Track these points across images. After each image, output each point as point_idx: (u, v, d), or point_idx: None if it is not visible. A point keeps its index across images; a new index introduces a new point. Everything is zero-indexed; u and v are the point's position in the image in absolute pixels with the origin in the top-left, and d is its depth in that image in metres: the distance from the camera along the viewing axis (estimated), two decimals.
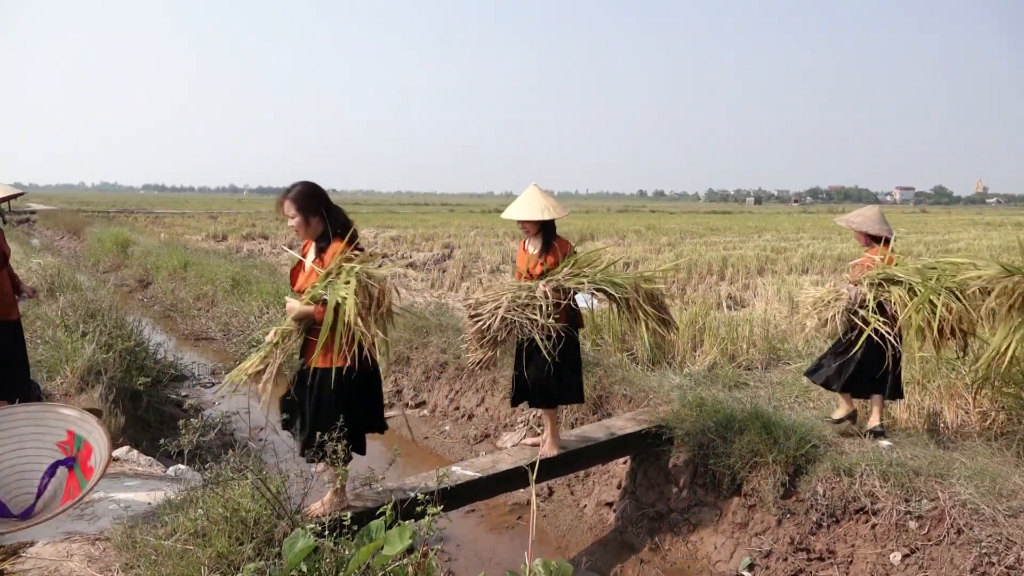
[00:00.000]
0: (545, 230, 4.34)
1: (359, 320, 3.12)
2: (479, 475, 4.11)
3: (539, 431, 5.94)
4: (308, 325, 3.34)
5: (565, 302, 4.15)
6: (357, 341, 3.19)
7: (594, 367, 5.99)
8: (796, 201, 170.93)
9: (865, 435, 4.51)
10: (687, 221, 38.12)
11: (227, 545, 2.79)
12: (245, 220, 32.73)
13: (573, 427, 5.52)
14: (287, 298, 3.49)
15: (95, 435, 1.54)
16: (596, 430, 4.92)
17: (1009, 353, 3.93)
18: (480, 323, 4.07)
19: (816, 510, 4.03)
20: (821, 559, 3.94)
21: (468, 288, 12.68)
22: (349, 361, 3.21)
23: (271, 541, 2.89)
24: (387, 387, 7.54)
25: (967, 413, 4.88)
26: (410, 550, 2.47)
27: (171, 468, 4.50)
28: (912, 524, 3.69)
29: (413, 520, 2.65)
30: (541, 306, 4.01)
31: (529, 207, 4.27)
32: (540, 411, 4.73)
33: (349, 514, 2.90)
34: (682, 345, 6.93)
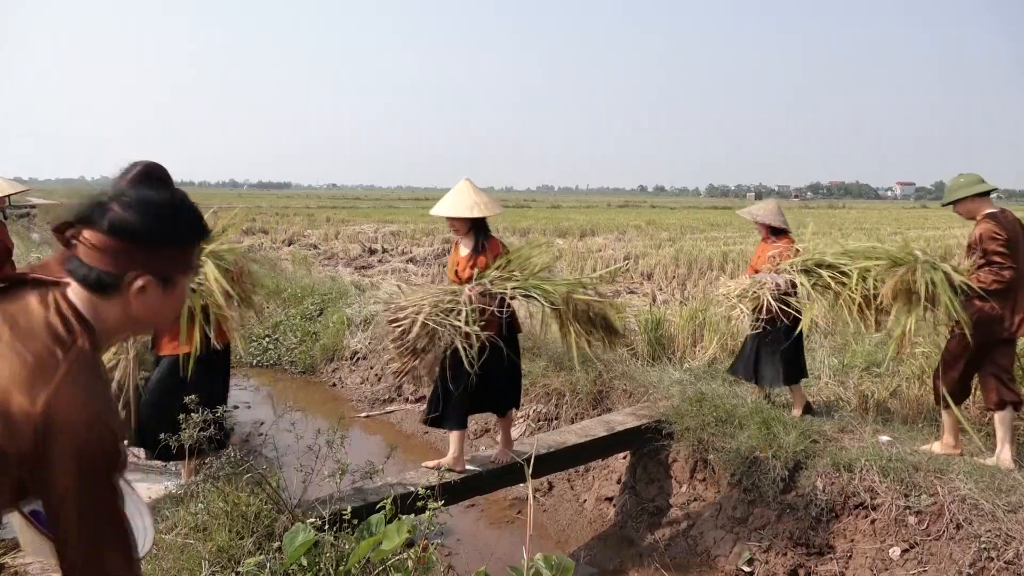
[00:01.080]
0: (477, 229, 4.00)
1: (224, 302, 3.13)
2: (479, 470, 4.12)
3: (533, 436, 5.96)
4: None
5: (491, 308, 3.78)
6: (214, 324, 3.19)
7: (594, 362, 6.00)
8: (797, 196, 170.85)
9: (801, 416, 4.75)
10: (687, 216, 38.09)
11: (227, 539, 2.80)
12: (245, 215, 32.65)
13: (573, 422, 5.52)
14: None
15: None
16: (596, 425, 4.93)
17: (908, 335, 4.13)
18: (400, 329, 3.77)
19: (816, 505, 4.03)
20: (820, 554, 3.95)
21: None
22: (195, 346, 3.24)
23: (271, 535, 2.90)
24: (387, 383, 7.55)
25: (966, 409, 4.88)
26: (411, 544, 2.48)
27: (171, 463, 4.50)
28: (911, 519, 3.70)
29: (413, 515, 2.65)
30: (465, 312, 3.69)
31: (457, 203, 3.93)
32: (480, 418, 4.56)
33: (349, 508, 2.91)
34: (682, 340, 6.93)
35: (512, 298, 3.87)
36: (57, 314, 1.19)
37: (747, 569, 4.11)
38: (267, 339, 8.78)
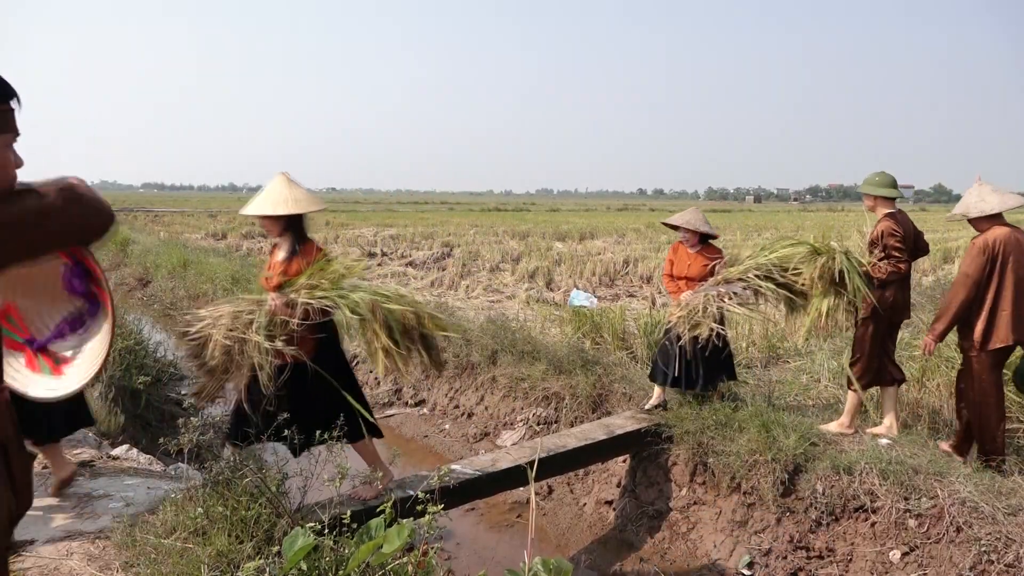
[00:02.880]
0: (292, 230, 3.53)
1: None
2: (479, 473, 4.11)
3: (544, 426, 5.95)
4: None
5: (294, 321, 3.32)
6: None
7: (594, 365, 5.99)
8: (796, 199, 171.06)
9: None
10: None
11: (227, 543, 2.80)
12: (244, 218, 32.67)
13: (573, 425, 5.52)
14: None
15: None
16: (595, 428, 4.92)
17: (824, 314, 4.51)
18: (195, 344, 3.37)
19: (815, 508, 4.03)
20: (820, 557, 3.95)
21: (467, 287, 12.68)
22: None
23: (271, 539, 2.90)
24: (386, 386, 7.54)
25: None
26: (410, 548, 2.48)
27: (171, 467, 4.51)
28: (911, 522, 3.69)
29: (413, 518, 2.65)
30: (257, 324, 3.29)
31: (265, 200, 3.46)
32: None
33: (348, 512, 2.91)
34: None
35: (329, 309, 3.44)
36: None
37: (747, 572, 4.11)
38: None
